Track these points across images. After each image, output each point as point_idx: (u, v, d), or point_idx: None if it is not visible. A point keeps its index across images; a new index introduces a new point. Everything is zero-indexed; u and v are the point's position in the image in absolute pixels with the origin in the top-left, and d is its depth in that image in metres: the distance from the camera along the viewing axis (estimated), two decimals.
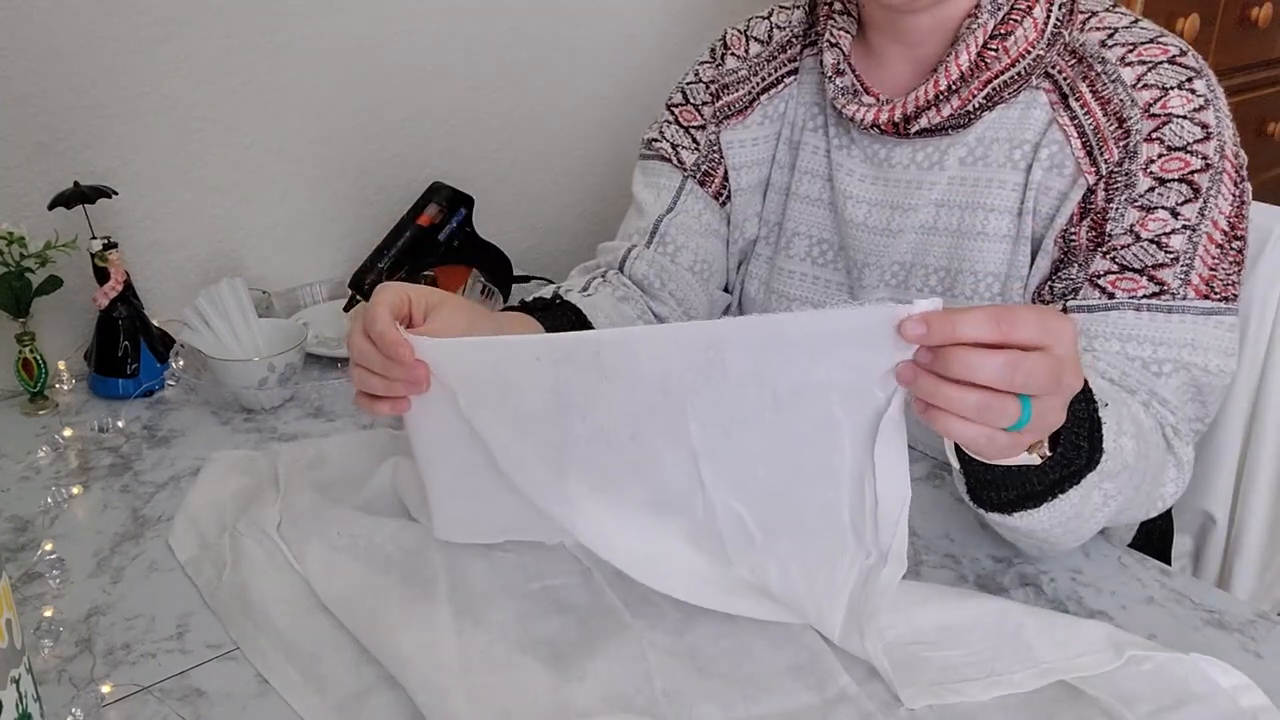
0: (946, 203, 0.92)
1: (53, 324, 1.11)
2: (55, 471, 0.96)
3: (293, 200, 1.27)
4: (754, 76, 1.02)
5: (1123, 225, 0.84)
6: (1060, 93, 0.87)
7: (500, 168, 1.44)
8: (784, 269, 1.01)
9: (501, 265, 1.29)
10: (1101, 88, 0.85)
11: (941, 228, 0.92)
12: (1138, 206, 0.84)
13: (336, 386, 1.09)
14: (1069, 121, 0.86)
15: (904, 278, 0.95)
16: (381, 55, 1.28)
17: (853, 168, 0.95)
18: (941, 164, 0.91)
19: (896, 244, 0.94)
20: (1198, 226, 0.83)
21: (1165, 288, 0.83)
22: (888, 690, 0.68)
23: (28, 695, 0.57)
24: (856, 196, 0.95)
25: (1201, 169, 0.83)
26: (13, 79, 1.04)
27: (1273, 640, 0.74)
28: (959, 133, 0.90)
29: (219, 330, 1.07)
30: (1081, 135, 0.85)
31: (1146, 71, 0.84)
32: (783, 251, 1.01)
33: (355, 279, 1.19)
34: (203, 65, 1.15)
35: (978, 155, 0.90)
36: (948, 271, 0.93)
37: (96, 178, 1.08)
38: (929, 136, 0.91)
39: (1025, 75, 0.87)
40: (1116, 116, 0.84)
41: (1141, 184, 0.83)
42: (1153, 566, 0.82)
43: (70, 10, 1.05)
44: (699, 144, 1.03)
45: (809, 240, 1.00)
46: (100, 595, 0.79)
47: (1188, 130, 0.83)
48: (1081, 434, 0.68)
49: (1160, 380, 0.82)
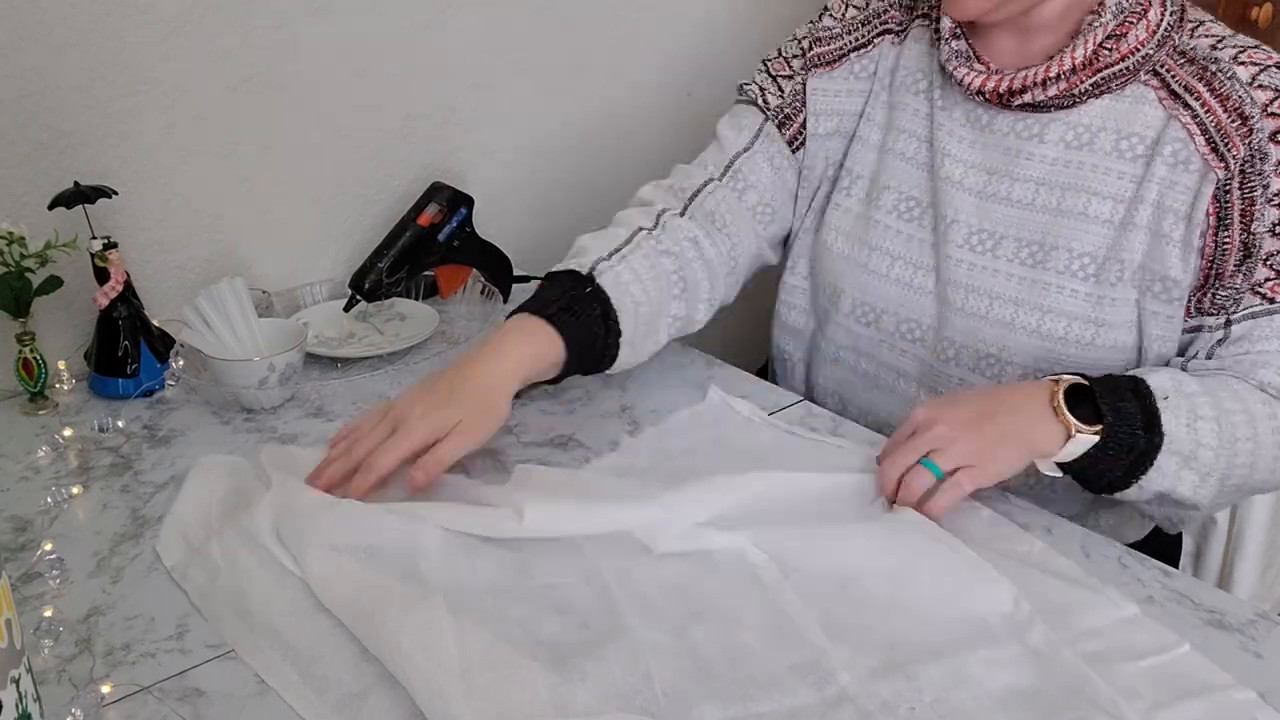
0: (1048, 182, 0.96)
1: (53, 324, 1.11)
2: (55, 471, 0.96)
3: (293, 200, 1.27)
4: (847, 35, 1.08)
5: (1265, 224, 0.88)
6: (1169, 90, 0.92)
7: (500, 168, 1.43)
8: (879, 222, 1.05)
9: (501, 265, 1.29)
10: (1219, 85, 0.90)
11: (1040, 205, 0.97)
12: (1276, 205, 0.88)
13: (336, 386, 1.09)
14: (1190, 120, 0.91)
15: (991, 246, 0.99)
16: (381, 55, 1.28)
17: (953, 129, 1.00)
18: (1041, 137, 0.96)
19: (988, 210, 0.99)
20: None
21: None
22: (889, 688, 0.68)
23: (28, 695, 0.57)
24: (955, 155, 1.00)
25: None
26: (13, 78, 1.04)
27: (1273, 640, 0.74)
28: (1061, 112, 0.95)
29: (219, 330, 1.07)
30: (1204, 132, 0.90)
31: (1259, 72, 0.89)
32: (875, 204, 1.06)
33: (355, 279, 1.19)
34: (203, 64, 1.15)
35: (1084, 141, 0.95)
36: (1040, 246, 0.97)
37: (96, 178, 1.08)
38: (1031, 111, 0.96)
39: (1133, 71, 0.92)
40: (1238, 113, 0.89)
41: (1276, 184, 0.88)
42: (1153, 566, 0.82)
43: (70, 9, 1.05)
44: (784, 91, 1.10)
45: (898, 195, 1.05)
46: (100, 595, 0.79)
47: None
48: (1136, 426, 0.83)
49: None
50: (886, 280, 1.05)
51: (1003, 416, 0.85)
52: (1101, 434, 0.83)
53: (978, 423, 0.85)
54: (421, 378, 0.99)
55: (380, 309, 1.25)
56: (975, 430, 0.84)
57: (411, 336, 1.19)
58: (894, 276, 1.05)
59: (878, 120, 1.07)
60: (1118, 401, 0.84)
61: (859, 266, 1.07)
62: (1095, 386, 0.85)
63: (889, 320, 1.06)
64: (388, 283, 1.18)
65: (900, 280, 1.04)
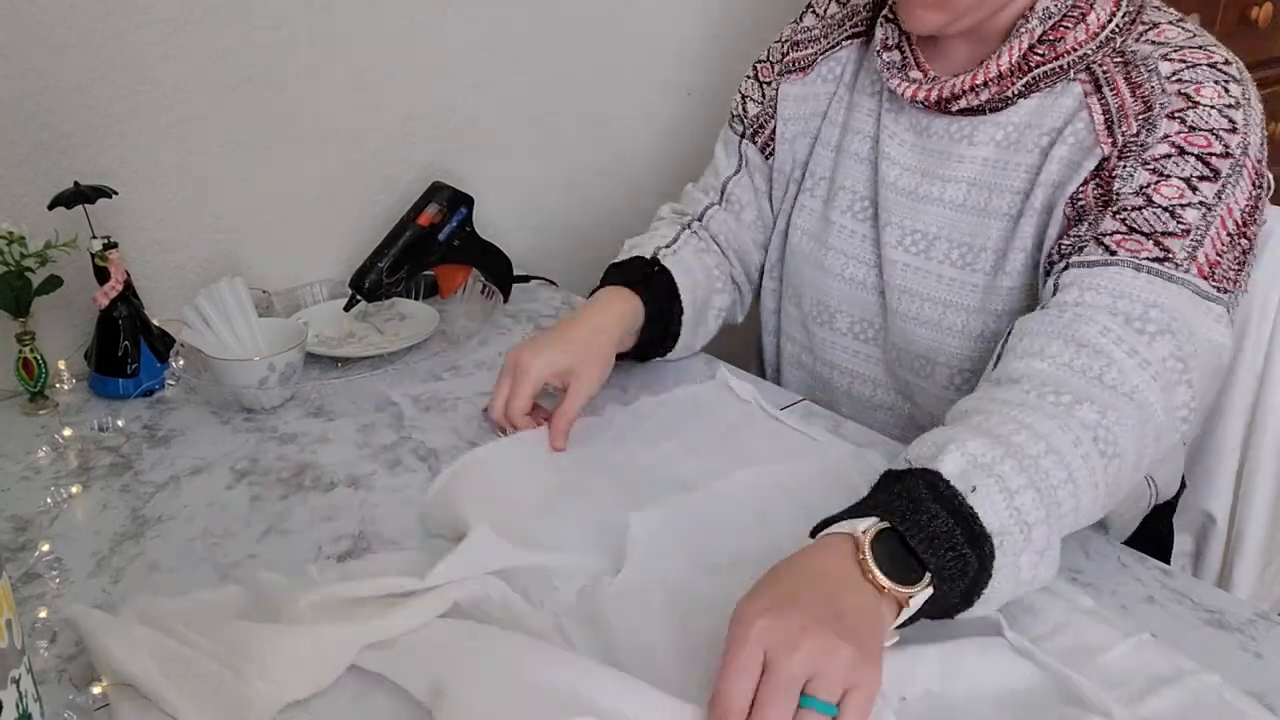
0: (978, 183, 0.96)
1: (53, 324, 1.11)
2: (55, 471, 0.96)
3: (293, 200, 1.27)
4: (824, 38, 1.09)
5: (1132, 185, 0.85)
6: (1095, 83, 0.90)
7: (500, 168, 1.43)
8: (834, 222, 1.06)
9: (501, 265, 1.29)
10: (1136, 75, 0.88)
11: (970, 206, 0.97)
12: (1150, 170, 0.84)
13: (337, 386, 1.09)
14: (1097, 105, 0.89)
15: (924, 247, 0.99)
16: (381, 55, 1.28)
17: (895, 131, 1.01)
18: (971, 138, 0.96)
19: (922, 211, 0.99)
20: (1214, 208, 0.83)
21: (1170, 256, 0.81)
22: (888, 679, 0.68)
23: (28, 695, 0.57)
24: (892, 158, 1.00)
25: (1222, 154, 0.83)
26: (13, 78, 1.04)
27: (1273, 640, 0.74)
28: (995, 113, 0.94)
29: (219, 330, 1.07)
30: (1105, 113, 0.88)
31: (1185, 69, 0.86)
32: (831, 204, 1.07)
33: (355, 279, 1.19)
34: (203, 64, 1.15)
35: (1012, 140, 0.94)
36: (969, 248, 0.97)
37: (96, 178, 1.08)
38: (969, 114, 0.96)
39: (1065, 70, 0.90)
40: (1144, 100, 0.86)
41: (1157, 149, 0.85)
42: (1153, 566, 0.82)
43: (70, 9, 1.05)
44: (764, 98, 1.13)
45: (851, 195, 1.06)
46: (100, 595, 0.79)
47: (1215, 119, 0.84)
48: (959, 547, 0.66)
49: (1144, 339, 0.77)
50: (840, 279, 1.06)
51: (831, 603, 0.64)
52: (933, 581, 0.66)
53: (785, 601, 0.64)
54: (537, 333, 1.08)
55: (380, 309, 1.25)
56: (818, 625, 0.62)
57: (411, 336, 1.19)
58: (847, 275, 1.06)
59: (838, 121, 1.08)
60: (930, 531, 0.66)
61: (816, 266, 1.08)
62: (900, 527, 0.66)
63: (842, 320, 1.08)
64: (388, 283, 1.18)
65: (852, 279, 1.06)
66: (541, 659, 0.68)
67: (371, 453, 0.98)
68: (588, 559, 0.81)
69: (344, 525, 0.87)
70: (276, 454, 0.98)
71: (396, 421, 1.04)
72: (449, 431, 1.02)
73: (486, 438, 1.00)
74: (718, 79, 1.64)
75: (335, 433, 1.02)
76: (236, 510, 0.90)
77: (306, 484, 0.93)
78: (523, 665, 0.67)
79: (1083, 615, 0.75)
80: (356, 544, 0.85)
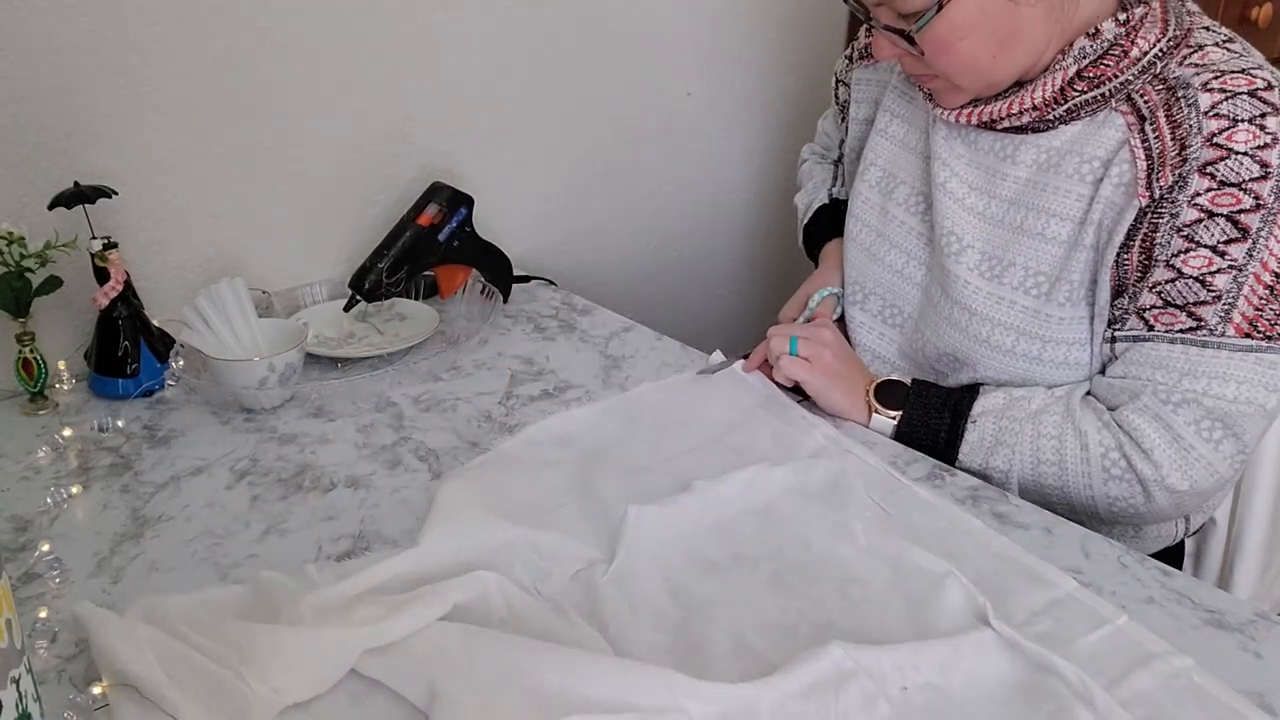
0: (1017, 202, 0.97)
1: (53, 324, 1.11)
2: (55, 471, 0.96)
3: (293, 200, 1.27)
4: None
5: (1166, 254, 0.87)
6: (1138, 115, 0.89)
7: (500, 168, 1.43)
8: (894, 216, 1.09)
9: (501, 265, 1.29)
10: (1176, 111, 0.87)
11: (1007, 223, 0.98)
12: (1182, 236, 0.86)
13: (336, 386, 1.09)
14: (1140, 144, 0.89)
15: (957, 250, 1.00)
16: (382, 55, 1.28)
17: (949, 136, 1.03)
18: (1014, 158, 0.97)
19: (961, 218, 1.01)
20: (1244, 267, 0.85)
21: (1203, 324, 0.87)
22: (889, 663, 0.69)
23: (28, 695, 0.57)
24: (945, 160, 1.02)
25: (1252, 208, 0.84)
26: (13, 79, 1.04)
27: (1273, 640, 0.74)
28: (1034, 135, 0.96)
29: (219, 330, 1.07)
30: (1148, 158, 0.88)
31: (1224, 100, 0.85)
32: (890, 198, 1.10)
33: (355, 279, 1.19)
34: (203, 64, 1.15)
35: (1051, 163, 0.95)
36: (999, 261, 0.98)
37: (96, 178, 1.08)
38: (1013, 132, 0.97)
39: (1106, 99, 0.91)
40: (1180, 142, 0.86)
41: (1187, 214, 0.86)
42: (1153, 566, 0.82)
43: (69, 10, 1.05)
44: (849, 82, 1.20)
45: (909, 189, 1.08)
46: (100, 595, 0.79)
47: (1246, 167, 0.83)
48: (943, 419, 0.98)
49: (1169, 409, 0.89)
50: (885, 267, 1.10)
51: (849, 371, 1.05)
52: (899, 421, 1.00)
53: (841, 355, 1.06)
54: None
55: (380, 309, 1.25)
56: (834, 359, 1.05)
57: (411, 336, 1.19)
58: (888, 262, 1.09)
59: (898, 113, 1.11)
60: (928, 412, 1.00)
61: (867, 253, 1.12)
62: (913, 396, 1.01)
63: (875, 302, 1.12)
64: (388, 283, 1.18)
65: (894, 267, 1.09)
66: (537, 659, 0.68)
67: (371, 453, 0.98)
68: (585, 545, 0.82)
69: (344, 525, 0.87)
70: (276, 454, 0.98)
71: (396, 422, 1.04)
72: (449, 432, 1.02)
73: (486, 438, 1.00)
74: (717, 79, 1.64)
75: (335, 433, 1.02)
76: (236, 510, 0.90)
77: (306, 484, 0.93)
78: (518, 667, 0.68)
79: (1067, 597, 0.78)
80: (356, 544, 0.85)
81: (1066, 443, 0.93)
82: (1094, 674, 0.69)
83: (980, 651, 0.71)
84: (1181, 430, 0.88)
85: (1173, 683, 0.69)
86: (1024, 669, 0.70)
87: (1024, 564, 0.81)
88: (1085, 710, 0.66)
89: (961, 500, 0.91)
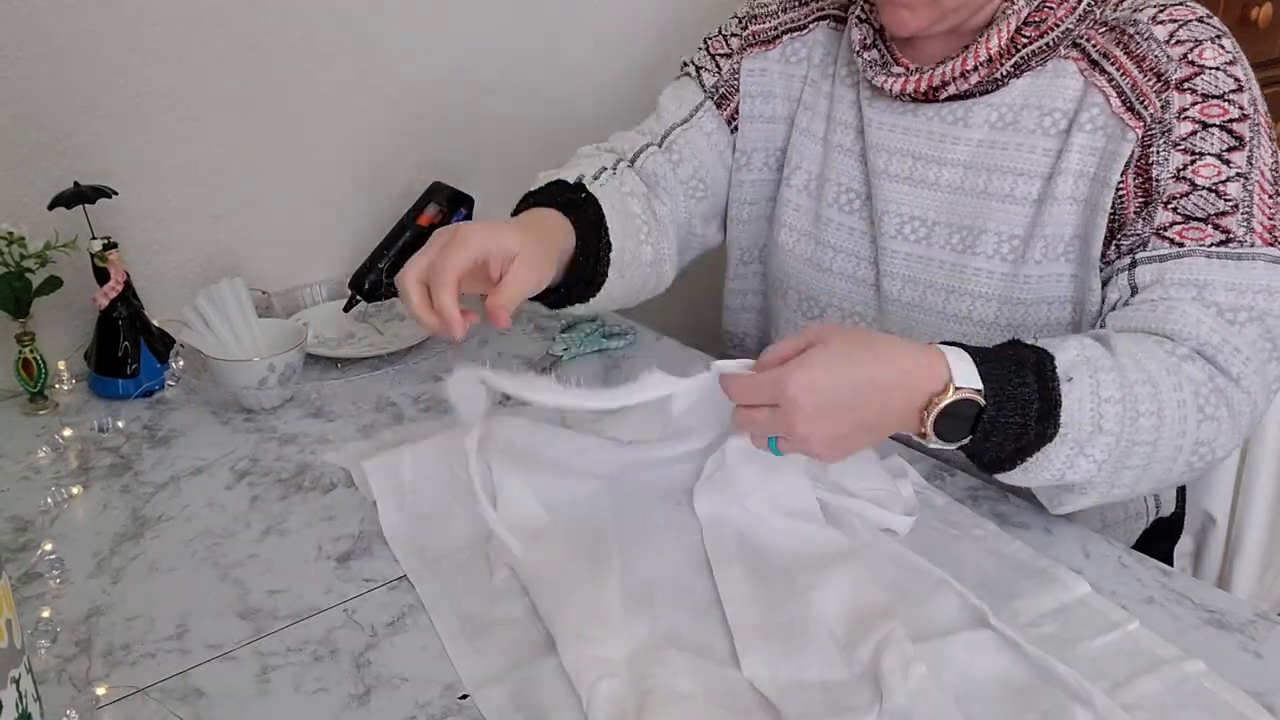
0: (974, 165, 0.95)
1: (53, 324, 1.11)
2: (55, 471, 0.96)
3: (293, 200, 1.27)
4: (784, 14, 1.08)
5: (1169, 170, 0.86)
6: (1089, 59, 0.90)
7: (500, 168, 1.43)
8: (828, 219, 1.05)
9: None
10: (1136, 47, 0.88)
11: (968, 189, 0.96)
12: (1181, 150, 0.86)
13: (336, 386, 1.09)
14: (1106, 84, 0.89)
15: (924, 235, 0.98)
16: (381, 55, 1.28)
17: (882, 121, 0.99)
18: (966, 120, 0.95)
19: (919, 196, 0.98)
20: (1249, 175, 0.85)
21: (1231, 235, 0.84)
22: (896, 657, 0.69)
23: (28, 695, 0.57)
24: (880, 145, 0.99)
25: (1239, 118, 0.85)
26: (13, 79, 1.04)
27: (1273, 640, 0.74)
28: (984, 96, 0.94)
29: (219, 330, 1.07)
30: (1120, 94, 0.88)
31: (1178, 28, 0.87)
32: (821, 199, 1.05)
33: (355, 279, 1.19)
34: (203, 65, 1.15)
35: (1008, 121, 0.94)
36: (969, 231, 0.96)
37: (96, 178, 1.08)
38: (956, 100, 0.95)
39: (1053, 46, 0.91)
40: (1154, 72, 0.87)
41: (1181, 128, 0.86)
42: (1153, 566, 0.82)
43: (69, 10, 1.05)
44: (720, 69, 1.10)
45: (838, 187, 1.04)
46: (100, 595, 0.79)
47: (1222, 80, 0.86)
48: (1029, 414, 0.74)
49: (1234, 329, 0.82)
50: (830, 274, 1.05)
51: (869, 414, 0.74)
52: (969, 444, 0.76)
53: (840, 413, 0.74)
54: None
55: (380, 309, 1.25)
56: (833, 423, 0.74)
57: (411, 336, 1.19)
58: (837, 270, 1.04)
59: (820, 111, 1.05)
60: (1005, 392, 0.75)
61: (809, 263, 1.06)
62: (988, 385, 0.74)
63: (833, 314, 1.06)
64: (388, 283, 1.18)
65: (844, 273, 1.04)
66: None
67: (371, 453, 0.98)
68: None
69: (344, 525, 0.87)
70: (276, 454, 0.98)
71: (396, 421, 1.04)
72: None
73: None
74: None
75: (335, 433, 1.02)
76: (236, 510, 0.90)
77: (306, 484, 0.93)
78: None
79: (1077, 602, 0.77)
80: (356, 544, 0.85)
81: (1161, 386, 0.78)
82: (1097, 677, 0.69)
83: (979, 650, 0.71)
84: (1250, 353, 0.82)
85: (1181, 687, 0.69)
86: (1023, 669, 0.70)
87: (1036, 567, 0.81)
88: (1084, 711, 0.66)
89: (961, 500, 0.90)
